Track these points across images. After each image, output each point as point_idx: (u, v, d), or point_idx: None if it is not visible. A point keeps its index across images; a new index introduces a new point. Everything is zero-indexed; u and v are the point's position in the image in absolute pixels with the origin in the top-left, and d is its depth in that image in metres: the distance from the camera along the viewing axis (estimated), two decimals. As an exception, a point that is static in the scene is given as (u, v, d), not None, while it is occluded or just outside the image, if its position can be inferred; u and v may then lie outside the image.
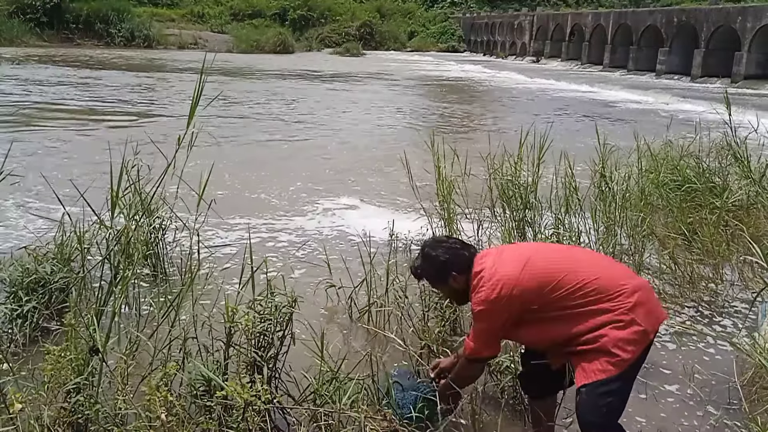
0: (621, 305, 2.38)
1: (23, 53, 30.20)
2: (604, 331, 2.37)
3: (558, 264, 2.51)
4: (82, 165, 8.56)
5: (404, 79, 27.40)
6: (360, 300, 4.17)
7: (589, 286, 2.42)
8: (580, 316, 2.41)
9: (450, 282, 2.67)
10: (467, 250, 2.69)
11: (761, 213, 5.30)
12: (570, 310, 2.43)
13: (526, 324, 2.53)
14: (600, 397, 2.37)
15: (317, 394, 2.69)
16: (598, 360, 2.37)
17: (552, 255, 2.64)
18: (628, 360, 2.35)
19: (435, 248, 2.72)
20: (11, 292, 3.70)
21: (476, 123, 14.87)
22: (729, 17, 26.70)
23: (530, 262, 2.50)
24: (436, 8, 59.02)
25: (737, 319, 4.31)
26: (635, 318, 2.37)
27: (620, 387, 2.40)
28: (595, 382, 2.36)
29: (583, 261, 2.58)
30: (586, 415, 2.41)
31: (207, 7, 50.50)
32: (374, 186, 8.26)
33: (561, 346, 2.51)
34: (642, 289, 2.45)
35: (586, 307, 2.41)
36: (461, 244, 2.75)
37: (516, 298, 2.45)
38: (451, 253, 2.67)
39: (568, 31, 40.40)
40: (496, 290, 2.46)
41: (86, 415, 2.42)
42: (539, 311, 2.47)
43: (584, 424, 2.44)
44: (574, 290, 2.42)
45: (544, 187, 5.22)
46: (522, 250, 2.69)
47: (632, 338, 2.35)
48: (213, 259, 5.00)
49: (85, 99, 16.23)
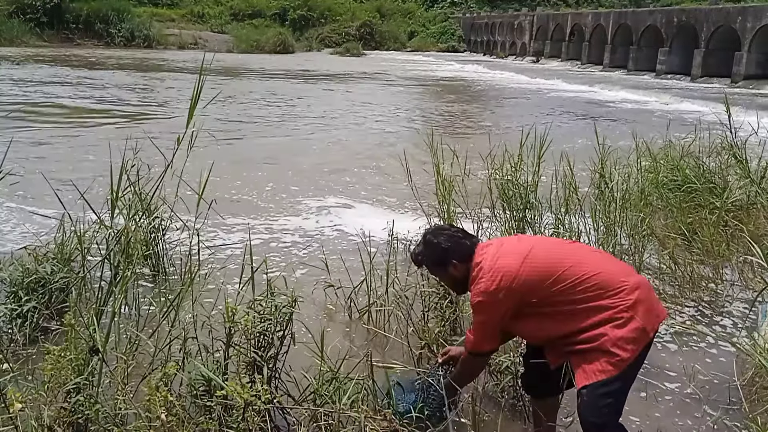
0: (622, 302, 2.36)
1: (23, 53, 30.19)
2: (603, 330, 2.35)
3: (559, 257, 2.49)
4: (82, 165, 8.55)
5: (404, 79, 27.40)
6: (360, 300, 4.16)
7: (590, 281, 2.40)
8: (581, 312, 2.40)
9: (450, 270, 2.66)
10: (469, 240, 2.69)
11: (761, 213, 5.30)
12: (570, 306, 2.41)
13: (525, 317, 2.51)
14: (600, 398, 2.36)
15: (317, 394, 2.69)
16: (597, 360, 2.36)
17: (553, 248, 2.62)
18: (628, 360, 2.34)
19: (437, 235, 2.71)
20: (11, 292, 3.70)
21: (476, 123, 14.87)
22: (729, 17, 26.69)
23: (531, 254, 2.48)
24: (436, 8, 59.00)
25: (737, 319, 4.31)
26: (635, 316, 2.35)
27: (620, 387, 2.39)
28: (595, 383, 2.35)
29: (585, 256, 2.56)
30: (588, 416, 2.40)
31: (207, 7, 50.48)
32: (374, 186, 8.26)
33: (560, 343, 2.49)
34: (642, 286, 2.44)
35: (586, 303, 2.39)
36: (463, 233, 2.74)
37: (516, 291, 2.43)
38: (452, 242, 2.66)
39: (568, 31, 40.40)
40: (496, 281, 2.44)
41: (86, 415, 2.42)
42: (539, 305, 2.45)
43: (586, 424, 2.43)
44: (575, 284, 2.40)
45: (544, 187, 5.22)
46: (523, 242, 2.67)
47: (632, 337, 2.34)
48: (213, 259, 5.00)
49: (85, 99, 16.23)
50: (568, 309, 2.42)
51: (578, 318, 2.40)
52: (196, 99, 2.51)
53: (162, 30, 43.11)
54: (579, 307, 2.40)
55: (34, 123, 12.09)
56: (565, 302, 2.42)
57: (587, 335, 2.39)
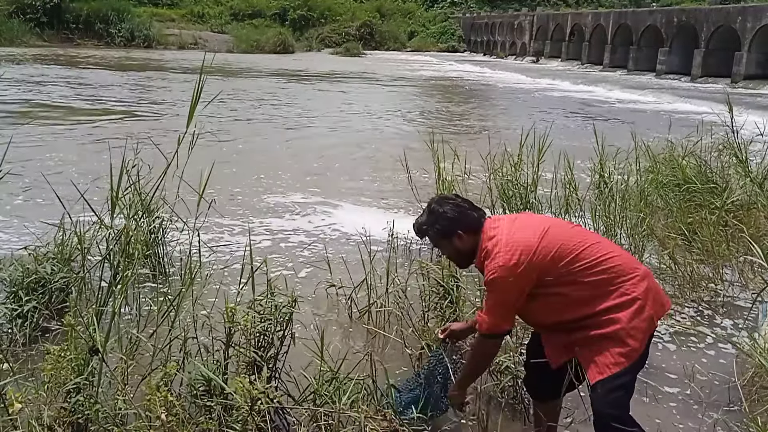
0: (636, 288, 2.34)
1: (23, 53, 30.18)
2: (618, 316, 2.32)
3: (577, 236, 2.44)
4: (81, 165, 8.55)
5: (404, 78, 27.40)
6: (360, 300, 4.17)
7: (608, 263, 2.36)
8: (596, 295, 2.35)
9: (455, 241, 2.55)
10: (476, 212, 2.58)
11: (761, 213, 5.30)
12: (586, 287, 2.35)
13: (537, 298, 2.42)
14: (615, 391, 2.34)
15: (317, 394, 2.68)
16: (609, 352, 2.33)
17: (569, 227, 2.57)
18: (639, 350, 2.33)
19: (442, 204, 2.59)
20: (11, 291, 3.70)
21: (476, 123, 14.86)
22: (729, 17, 26.69)
23: (549, 230, 2.41)
24: (436, 8, 58.99)
25: (737, 319, 4.31)
26: (646, 304, 2.34)
27: (632, 378, 2.39)
28: (610, 377, 2.32)
29: (599, 238, 2.54)
30: (605, 409, 2.37)
31: (207, 7, 50.47)
32: (374, 186, 8.26)
33: (570, 327, 2.43)
34: (649, 276, 2.44)
35: (603, 286, 2.35)
36: (470, 204, 2.62)
37: (535, 266, 2.34)
38: (458, 211, 2.55)
39: (568, 31, 40.39)
40: (516, 255, 2.34)
41: (86, 415, 2.42)
42: (554, 284, 2.37)
43: (604, 417, 2.39)
44: (593, 264, 2.35)
45: (544, 186, 5.22)
46: (538, 218, 2.60)
47: (643, 326, 2.34)
48: (213, 259, 5.00)
49: (85, 99, 16.22)
50: (584, 290, 2.35)
51: (593, 301, 2.35)
52: (196, 99, 2.50)
53: (162, 30, 43.08)
54: (595, 289, 2.35)
55: (34, 123, 12.07)
56: (582, 283, 2.35)
57: (601, 320, 2.34)
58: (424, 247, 5.41)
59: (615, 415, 2.38)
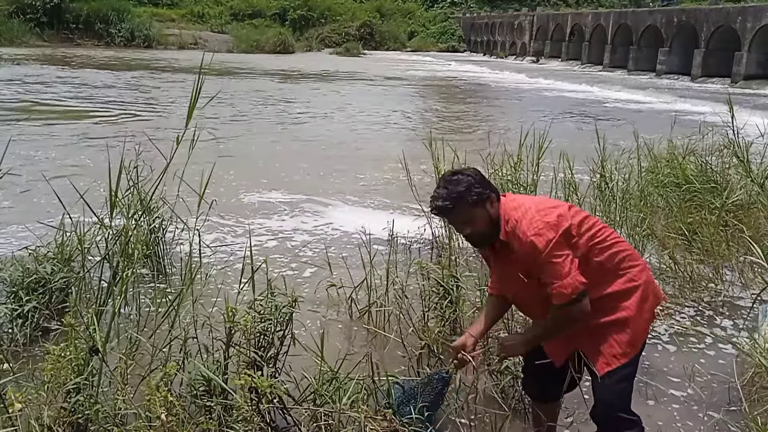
0: (641, 275, 2.39)
1: (23, 53, 30.18)
2: (627, 303, 2.34)
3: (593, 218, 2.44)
4: (81, 165, 8.56)
5: (404, 78, 27.39)
6: (360, 300, 4.16)
7: (622, 246, 2.40)
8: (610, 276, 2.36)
9: (488, 208, 2.32)
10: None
11: (761, 213, 5.30)
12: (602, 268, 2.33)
13: None
14: (621, 381, 2.38)
15: (317, 394, 2.68)
16: (614, 340, 2.35)
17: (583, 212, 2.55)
18: (642, 340, 2.39)
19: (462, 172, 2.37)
20: (12, 292, 3.70)
21: (476, 122, 14.86)
22: (729, 17, 26.69)
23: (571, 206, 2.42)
24: (436, 8, 58.98)
25: (737, 319, 4.31)
26: (650, 293, 2.39)
27: (635, 368, 2.44)
28: (618, 367, 2.35)
29: None
30: (612, 401, 2.40)
31: (207, 7, 50.47)
32: (374, 186, 8.26)
33: None
34: (648, 267, 2.50)
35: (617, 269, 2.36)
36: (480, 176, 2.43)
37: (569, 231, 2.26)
38: (479, 178, 2.36)
39: (568, 31, 40.40)
40: (554, 215, 2.26)
41: (86, 415, 2.42)
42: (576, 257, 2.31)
43: (609, 408, 2.40)
44: (611, 244, 2.35)
45: (544, 186, 5.22)
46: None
47: (647, 317, 2.40)
48: (213, 259, 5.00)
49: (85, 99, 16.22)
50: (600, 269, 2.33)
51: (606, 282, 2.35)
52: (195, 99, 2.50)
53: (162, 30, 43.09)
54: (610, 270, 2.35)
55: (33, 123, 12.08)
56: (599, 262, 2.33)
57: (610, 304, 2.35)
58: (424, 247, 5.42)
59: (621, 407, 2.41)
